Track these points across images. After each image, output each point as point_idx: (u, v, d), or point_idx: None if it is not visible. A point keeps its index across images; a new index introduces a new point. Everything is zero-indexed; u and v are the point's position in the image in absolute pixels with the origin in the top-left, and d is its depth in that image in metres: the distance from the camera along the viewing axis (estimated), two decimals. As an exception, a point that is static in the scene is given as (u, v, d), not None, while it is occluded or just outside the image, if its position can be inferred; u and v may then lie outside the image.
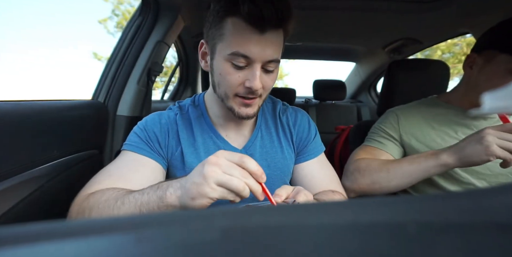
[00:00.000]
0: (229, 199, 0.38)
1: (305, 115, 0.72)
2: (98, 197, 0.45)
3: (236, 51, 0.50)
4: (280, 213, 0.15)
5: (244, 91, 0.54)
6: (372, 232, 0.13)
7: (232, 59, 0.51)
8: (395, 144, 0.78)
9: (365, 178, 0.69)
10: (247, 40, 0.49)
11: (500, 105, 0.52)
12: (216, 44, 0.53)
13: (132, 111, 1.00)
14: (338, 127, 1.29)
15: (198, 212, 0.16)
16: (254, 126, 0.67)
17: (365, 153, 0.77)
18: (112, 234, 0.13)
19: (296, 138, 0.68)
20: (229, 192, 0.37)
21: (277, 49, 0.53)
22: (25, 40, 5.68)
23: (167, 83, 1.95)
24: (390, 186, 0.67)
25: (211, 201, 0.37)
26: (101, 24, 6.50)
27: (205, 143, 0.62)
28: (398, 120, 0.79)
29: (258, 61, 0.51)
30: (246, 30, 0.49)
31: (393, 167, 0.66)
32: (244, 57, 0.50)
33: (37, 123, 0.64)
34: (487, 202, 0.15)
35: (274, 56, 0.52)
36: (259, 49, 0.50)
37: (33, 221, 0.13)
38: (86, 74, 5.69)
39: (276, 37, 0.51)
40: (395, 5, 1.08)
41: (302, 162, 0.68)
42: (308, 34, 1.53)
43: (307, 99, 2.38)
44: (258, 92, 0.54)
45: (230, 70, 0.52)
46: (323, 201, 0.56)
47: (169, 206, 0.40)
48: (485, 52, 0.65)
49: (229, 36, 0.50)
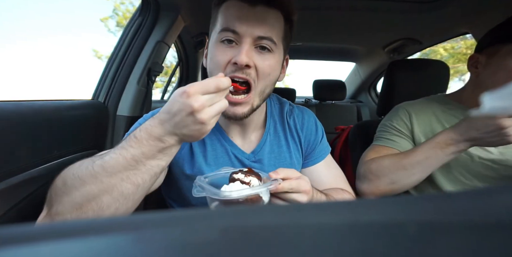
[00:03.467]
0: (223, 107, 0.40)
1: (311, 116, 0.70)
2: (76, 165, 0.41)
3: (225, 26, 0.49)
4: (280, 213, 0.15)
5: (231, 69, 0.50)
6: (372, 232, 0.13)
7: (222, 36, 0.50)
8: (408, 141, 0.75)
9: (382, 180, 0.67)
10: (236, 15, 0.49)
11: (500, 105, 0.52)
12: (212, 31, 0.53)
13: (132, 111, 1.00)
14: (338, 127, 1.29)
15: (198, 212, 0.16)
16: (262, 130, 0.65)
17: (375, 153, 0.74)
18: (112, 234, 0.13)
19: (304, 141, 0.67)
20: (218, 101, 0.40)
21: (271, 28, 0.50)
22: (22, 34, 5.68)
23: (167, 83, 1.95)
24: (412, 182, 0.65)
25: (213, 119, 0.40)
26: (102, 22, 6.50)
27: (212, 145, 0.61)
28: (409, 117, 0.76)
29: (246, 35, 0.49)
30: (236, 6, 0.49)
31: (410, 163, 0.64)
32: (232, 32, 0.49)
33: (37, 123, 0.64)
34: (487, 202, 0.15)
35: (266, 33, 0.49)
36: (248, 23, 0.48)
37: (33, 221, 0.13)
38: (86, 72, 5.67)
39: (269, 15, 0.50)
40: (395, 5, 1.08)
41: (311, 166, 0.67)
42: (308, 34, 1.53)
43: (307, 99, 2.38)
44: (249, 72, 0.50)
45: (219, 50, 0.51)
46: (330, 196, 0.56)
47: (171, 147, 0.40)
48: (486, 50, 0.67)
49: (221, 16, 0.51)
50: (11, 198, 0.58)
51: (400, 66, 1.05)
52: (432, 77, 1.03)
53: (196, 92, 0.37)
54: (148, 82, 1.07)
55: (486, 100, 0.56)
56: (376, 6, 1.10)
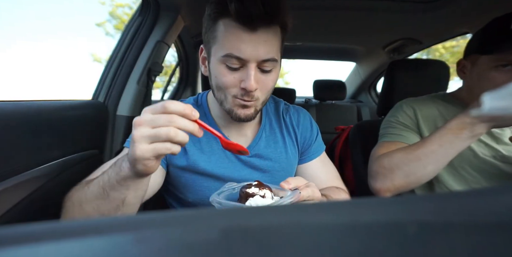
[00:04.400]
0: (170, 151, 0.36)
1: (307, 115, 0.72)
2: (77, 187, 0.47)
3: (229, 53, 0.49)
4: (280, 213, 0.15)
5: (241, 93, 0.52)
6: (372, 232, 0.13)
7: (226, 61, 0.50)
8: (415, 134, 0.74)
9: (396, 173, 0.64)
10: (238, 41, 0.48)
11: (500, 105, 0.52)
12: (211, 47, 0.53)
13: (132, 111, 1.00)
14: (338, 127, 1.29)
15: (198, 212, 0.16)
16: (257, 127, 0.67)
17: (385, 149, 0.71)
18: (112, 234, 0.13)
19: (300, 138, 0.69)
20: (163, 143, 0.35)
21: (272, 47, 0.51)
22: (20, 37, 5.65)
23: (167, 83, 1.95)
24: (427, 173, 0.62)
25: (153, 161, 0.37)
26: (99, 26, 6.47)
27: (209, 142, 0.62)
28: (414, 111, 0.76)
29: (252, 61, 0.49)
30: (237, 30, 0.48)
31: (423, 153, 0.61)
32: (237, 59, 0.49)
33: (37, 123, 0.64)
34: (487, 202, 0.15)
35: (269, 55, 0.50)
36: (252, 48, 0.48)
37: (33, 221, 0.13)
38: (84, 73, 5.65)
39: (270, 35, 0.50)
40: (395, 5, 1.08)
41: (306, 162, 0.69)
42: (308, 34, 1.53)
43: (307, 99, 2.38)
44: (255, 94, 0.52)
45: (225, 72, 0.51)
46: (329, 197, 0.57)
47: (125, 178, 0.39)
48: (470, 57, 0.69)
49: (222, 37, 0.50)
50: (11, 198, 0.58)
51: (400, 66, 1.05)
52: (432, 77, 1.03)
53: (146, 110, 0.36)
54: (148, 82, 1.07)
55: (486, 100, 0.56)
56: (376, 6, 1.10)
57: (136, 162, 0.36)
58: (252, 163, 0.63)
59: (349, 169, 1.08)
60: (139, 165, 0.36)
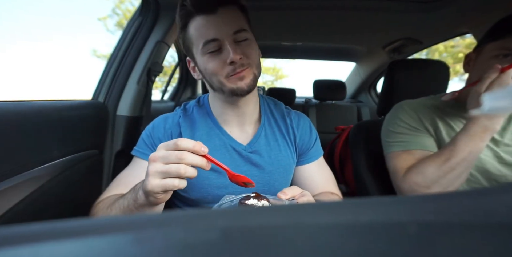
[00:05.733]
0: (177, 187, 0.40)
1: (307, 120, 0.74)
2: (100, 206, 0.54)
3: (204, 40, 0.54)
4: (279, 213, 0.15)
5: (231, 69, 0.55)
6: (372, 232, 0.13)
7: (206, 50, 0.55)
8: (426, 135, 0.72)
9: (434, 188, 0.63)
10: (206, 27, 0.54)
11: (500, 105, 0.52)
12: (192, 49, 0.57)
13: (132, 111, 1.00)
14: (338, 127, 1.29)
15: (198, 212, 0.16)
16: (257, 124, 0.69)
17: (403, 160, 0.70)
18: (112, 234, 0.13)
19: (299, 140, 0.70)
20: (172, 179, 0.39)
21: (237, 20, 0.56)
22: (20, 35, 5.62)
23: (167, 83, 1.95)
24: (461, 181, 0.63)
25: (162, 194, 0.41)
26: (100, 21, 6.48)
27: (210, 140, 0.64)
28: (415, 111, 0.75)
29: (224, 37, 0.53)
30: (202, 20, 0.54)
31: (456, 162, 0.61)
32: (213, 41, 0.53)
33: (37, 123, 0.64)
34: (487, 202, 0.15)
35: (236, 27, 0.54)
36: (218, 27, 0.53)
37: (33, 221, 0.13)
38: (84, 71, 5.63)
39: (230, 12, 0.55)
40: (395, 5, 1.08)
41: (304, 165, 0.71)
42: (308, 34, 1.53)
43: (307, 99, 2.38)
44: (244, 62, 0.55)
45: (210, 59, 0.55)
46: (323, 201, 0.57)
47: (142, 206, 0.44)
48: (477, 49, 0.70)
49: (194, 33, 0.55)
50: (11, 198, 0.58)
51: (400, 66, 1.05)
52: (432, 77, 1.03)
53: (161, 146, 0.41)
54: (148, 82, 1.06)
55: (486, 100, 0.56)
56: (376, 6, 1.10)
57: (148, 195, 0.41)
58: (252, 159, 0.65)
59: (349, 169, 1.08)
60: (151, 197, 0.41)
